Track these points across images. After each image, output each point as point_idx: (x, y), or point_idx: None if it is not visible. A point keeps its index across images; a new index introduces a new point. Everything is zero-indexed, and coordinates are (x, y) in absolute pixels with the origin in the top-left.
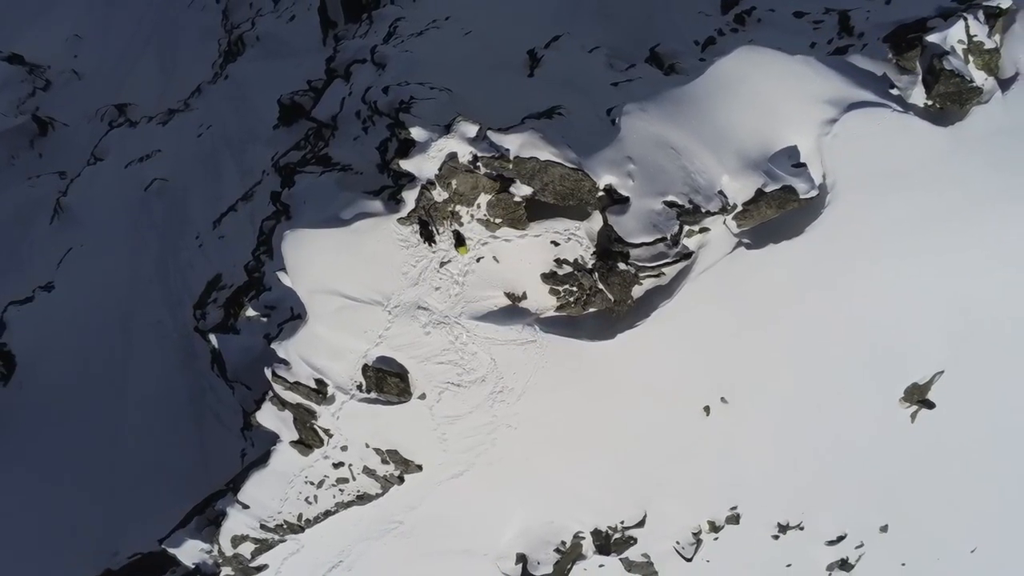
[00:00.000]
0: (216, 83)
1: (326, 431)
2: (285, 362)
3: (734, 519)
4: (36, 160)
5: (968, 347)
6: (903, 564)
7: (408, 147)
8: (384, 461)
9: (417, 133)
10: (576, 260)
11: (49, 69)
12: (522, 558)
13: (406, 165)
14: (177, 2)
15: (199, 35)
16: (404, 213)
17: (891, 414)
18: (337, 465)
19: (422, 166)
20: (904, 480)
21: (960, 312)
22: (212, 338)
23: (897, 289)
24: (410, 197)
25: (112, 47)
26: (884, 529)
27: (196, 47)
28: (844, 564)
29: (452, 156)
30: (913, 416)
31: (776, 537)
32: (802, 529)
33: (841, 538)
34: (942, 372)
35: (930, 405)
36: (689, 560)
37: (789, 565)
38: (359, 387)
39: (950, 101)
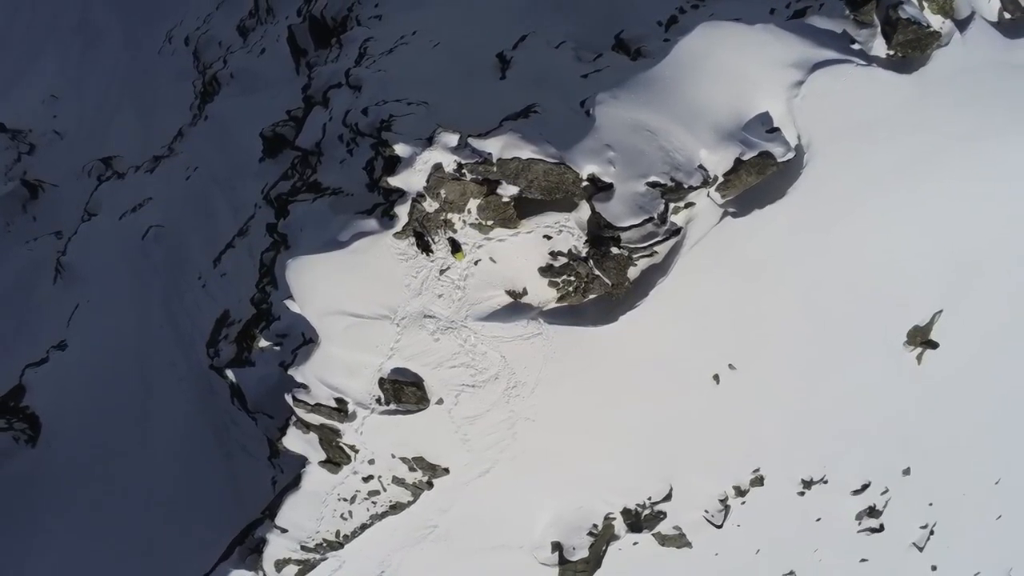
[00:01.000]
0: (196, 125)
1: (352, 447)
2: (304, 386)
3: (758, 481)
4: (31, 223)
5: (962, 283)
6: (930, 504)
7: (394, 164)
8: (412, 469)
9: (401, 149)
10: (570, 250)
11: (31, 133)
12: (557, 546)
13: (394, 181)
14: (146, 51)
15: (172, 80)
16: (399, 227)
17: (897, 359)
18: (367, 479)
19: (410, 180)
20: (920, 421)
21: (950, 249)
22: (229, 373)
23: (885, 236)
24: (402, 211)
25: (89, 103)
26: (907, 472)
27: (171, 92)
28: (872, 511)
29: (437, 167)
30: (919, 358)
31: (802, 494)
32: (826, 482)
33: (866, 486)
34: (941, 311)
35: (934, 345)
36: (720, 527)
37: (819, 519)
38: (378, 400)
39: (911, 48)
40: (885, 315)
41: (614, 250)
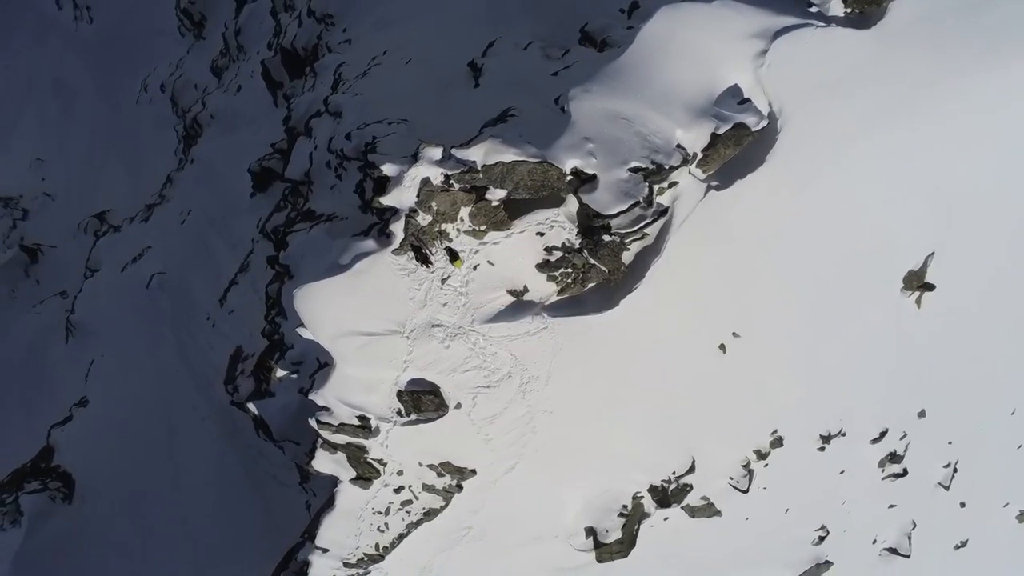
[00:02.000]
0: (184, 169)
1: (380, 461)
2: (325, 408)
3: (777, 442)
4: (35, 287)
5: (949, 222)
6: (950, 443)
7: (383, 184)
8: (440, 474)
9: (388, 169)
10: (564, 244)
11: (22, 198)
12: (591, 531)
13: (386, 200)
14: (123, 103)
15: (154, 128)
16: (396, 244)
17: (897, 305)
18: (398, 489)
19: (401, 197)
20: (928, 363)
21: (933, 191)
22: (251, 406)
23: (867, 186)
24: (398, 228)
25: (75, 162)
26: (922, 415)
27: (154, 140)
28: (894, 457)
29: (426, 181)
30: (918, 301)
31: (822, 449)
32: (844, 435)
33: (883, 434)
34: (932, 253)
35: (930, 287)
36: (746, 492)
37: (842, 472)
38: (399, 413)
39: (867, 3)
40: (878, 264)
41: (606, 238)
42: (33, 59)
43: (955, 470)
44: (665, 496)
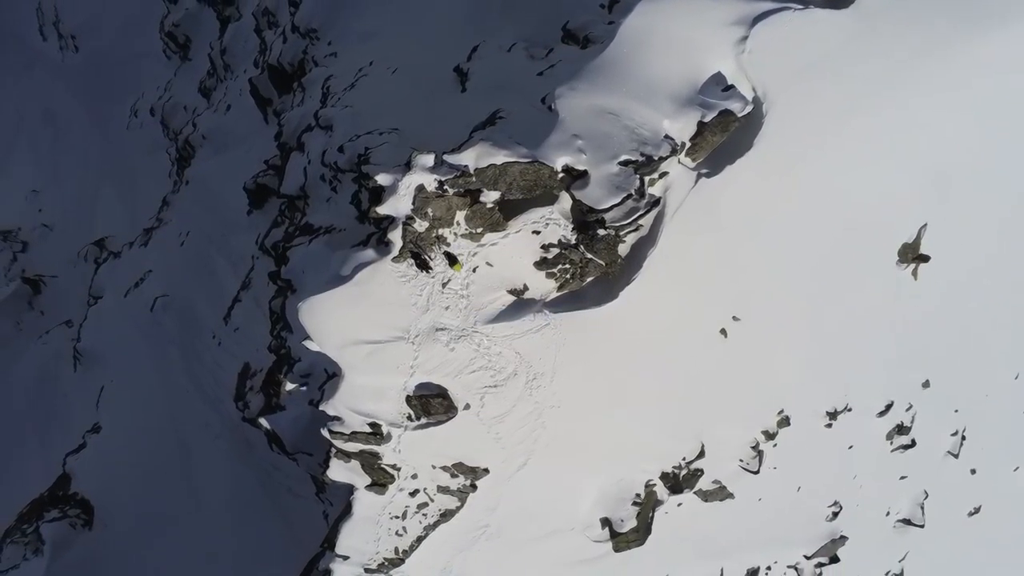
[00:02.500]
0: (179, 191)
1: (393, 466)
2: (337, 418)
3: (785, 422)
4: (39, 318)
5: (940, 193)
6: (956, 411)
7: (379, 193)
8: (453, 475)
9: (383, 179)
10: (560, 240)
11: (20, 231)
12: (606, 521)
13: (383, 210)
14: (114, 129)
15: (146, 152)
16: (395, 252)
17: (894, 278)
18: (413, 493)
19: (397, 206)
20: (929, 333)
21: (921, 162)
22: (263, 421)
23: (856, 163)
24: (396, 236)
25: (70, 191)
26: (926, 385)
27: (148, 164)
28: (901, 429)
29: (420, 188)
30: (914, 273)
31: (829, 425)
32: (850, 410)
33: (889, 406)
34: (925, 225)
35: (925, 258)
36: (757, 473)
37: (851, 447)
38: (409, 417)
39: None
40: (872, 238)
41: (601, 232)
42: (21, 91)
43: (963, 438)
44: (677, 482)
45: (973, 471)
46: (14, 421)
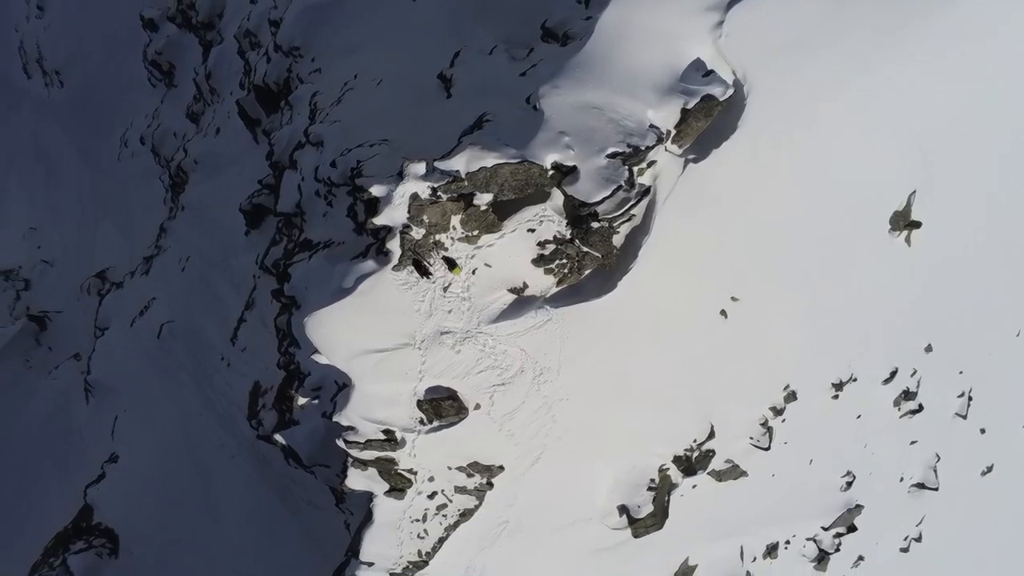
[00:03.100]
0: (176, 217)
1: (410, 471)
2: (351, 428)
3: (791, 397)
4: (48, 354)
5: (927, 159)
6: (960, 372)
7: (374, 204)
8: (469, 475)
9: (377, 190)
10: (555, 236)
11: (21, 269)
12: (623, 508)
13: (379, 220)
14: (105, 160)
15: (140, 181)
16: (395, 261)
17: (888, 246)
18: (432, 495)
19: (393, 215)
20: (927, 298)
21: (906, 129)
22: (278, 437)
23: (841, 136)
24: (394, 245)
25: (67, 226)
26: (929, 349)
27: (142, 193)
28: (907, 394)
29: (414, 196)
30: (908, 239)
31: (836, 397)
32: (856, 380)
33: (894, 373)
34: (914, 192)
35: (917, 224)
36: (768, 449)
37: (859, 416)
38: (421, 422)
39: None
40: (862, 209)
41: (595, 224)
42: (9, 130)
43: (970, 398)
44: (690, 464)
45: (983, 431)
46: (32, 457)
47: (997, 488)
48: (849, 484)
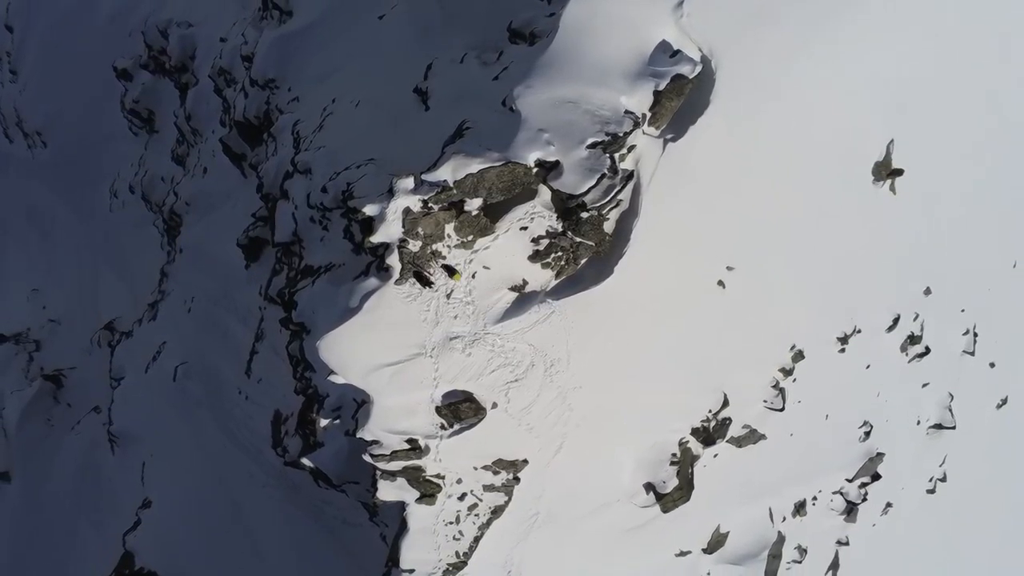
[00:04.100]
0: (175, 260)
1: (438, 476)
2: (375, 442)
3: (799, 356)
4: (68, 411)
5: (903, 106)
6: (962, 310)
7: (369, 223)
8: (495, 472)
9: (370, 209)
10: (548, 231)
11: (29, 331)
12: (649, 486)
13: (376, 238)
14: (98, 214)
15: (134, 230)
16: (396, 275)
17: (873, 197)
18: (461, 497)
19: (388, 232)
20: (918, 242)
21: (880, 81)
22: (305, 461)
23: (813, 96)
24: (393, 261)
25: (69, 283)
26: (928, 292)
27: (138, 241)
28: (913, 339)
29: (407, 211)
30: (892, 188)
31: (842, 350)
32: (860, 332)
33: (896, 320)
34: (892, 140)
35: (899, 172)
36: (782, 410)
37: (868, 366)
38: (442, 427)
39: None
40: (843, 163)
41: (584, 214)
42: None
43: (975, 335)
44: (708, 435)
45: (992, 364)
46: (65, 513)
47: (1014, 419)
48: (867, 434)
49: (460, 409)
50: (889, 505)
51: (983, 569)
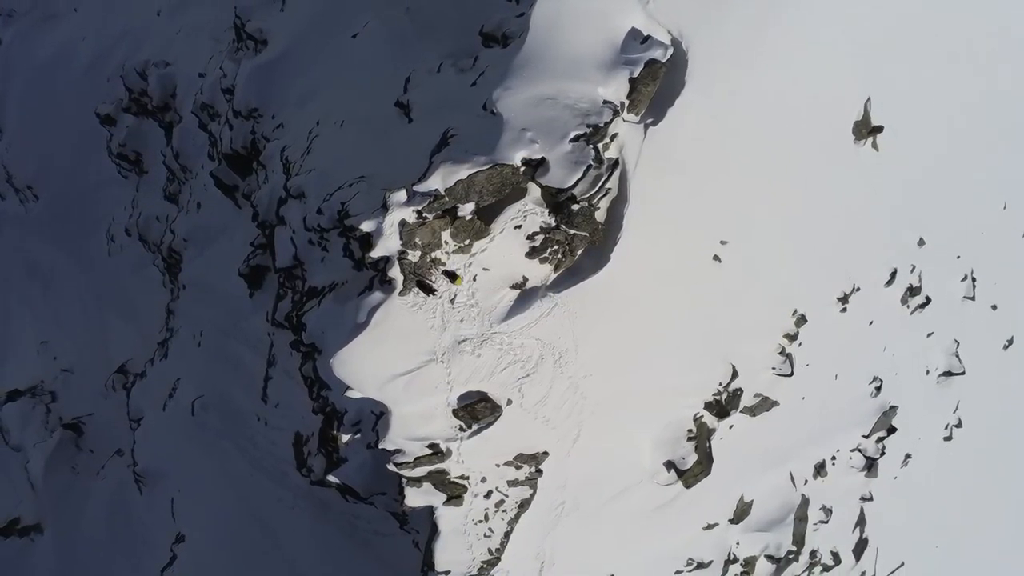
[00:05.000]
0: (179, 297)
1: (462, 477)
2: (397, 451)
3: (801, 320)
4: (91, 457)
5: (874, 62)
6: (958, 257)
7: (367, 239)
8: (518, 467)
9: (366, 226)
10: (542, 226)
11: (43, 383)
12: (670, 464)
13: (375, 253)
14: (97, 261)
15: (135, 272)
16: (400, 286)
17: (856, 156)
18: (487, 495)
19: (387, 245)
20: (906, 195)
21: (849, 42)
22: (331, 478)
23: (786, 63)
24: (395, 273)
25: (76, 332)
26: (921, 243)
27: (140, 283)
28: (912, 290)
29: (403, 223)
30: (874, 145)
31: (844, 310)
32: (859, 289)
33: (894, 274)
34: (869, 98)
35: (879, 129)
36: (791, 375)
37: (871, 322)
38: (460, 429)
39: None
40: (823, 127)
41: (575, 207)
42: None
43: (974, 279)
44: (722, 407)
45: (994, 307)
46: (101, 558)
47: (1022, 357)
48: (878, 389)
49: (476, 409)
50: (908, 457)
51: (1009, 508)
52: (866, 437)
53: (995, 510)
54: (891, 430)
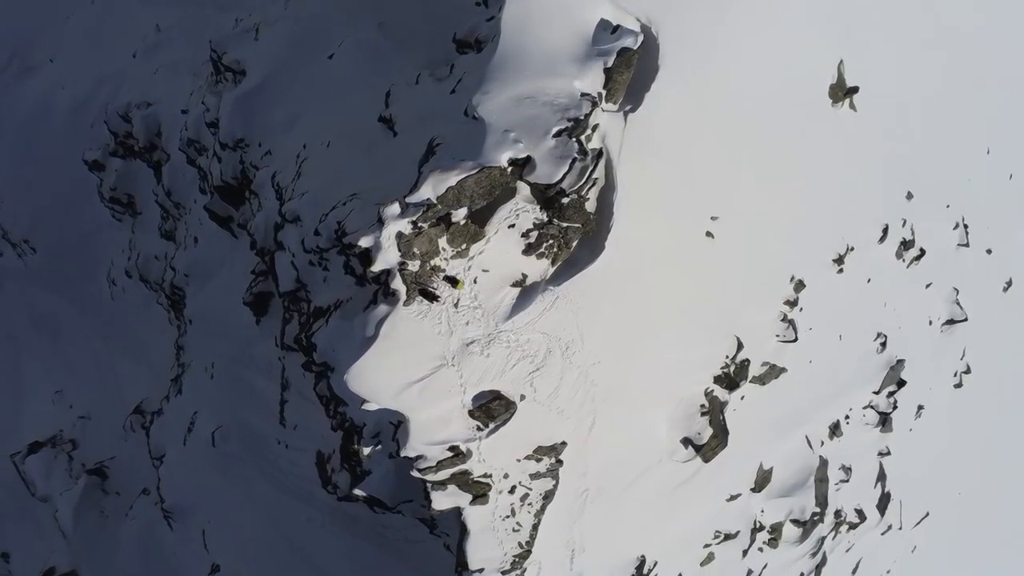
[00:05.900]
0: (186, 332)
1: (485, 475)
2: (419, 457)
3: (800, 285)
4: (118, 499)
5: (845, 26)
6: (947, 206)
7: (366, 255)
8: (538, 460)
9: (365, 241)
10: (535, 223)
11: (63, 432)
12: (687, 441)
13: (376, 267)
14: (101, 305)
15: (139, 312)
16: (404, 297)
17: (835, 119)
18: (512, 490)
19: (387, 258)
20: (888, 151)
21: (818, 9)
22: (357, 492)
23: (755, 35)
24: (397, 284)
25: (89, 378)
26: (909, 196)
27: (146, 322)
28: (906, 244)
29: (399, 235)
30: (852, 106)
31: (841, 271)
32: (853, 249)
33: (886, 230)
34: (842, 61)
35: (854, 90)
36: (796, 340)
37: (869, 280)
38: (478, 428)
39: None
40: (799, 93)
41: (565, 200)
42: (2, 311)
43: (966, 226)
44: (731, 379)
45: (989, 251)
46: None
47: (1022, 297)
48: (883, 345)
49: (491, 408)
50: (921, 408)
51: None
52: (877, 393)
53: (1013, 450)
54: (901, 383)
